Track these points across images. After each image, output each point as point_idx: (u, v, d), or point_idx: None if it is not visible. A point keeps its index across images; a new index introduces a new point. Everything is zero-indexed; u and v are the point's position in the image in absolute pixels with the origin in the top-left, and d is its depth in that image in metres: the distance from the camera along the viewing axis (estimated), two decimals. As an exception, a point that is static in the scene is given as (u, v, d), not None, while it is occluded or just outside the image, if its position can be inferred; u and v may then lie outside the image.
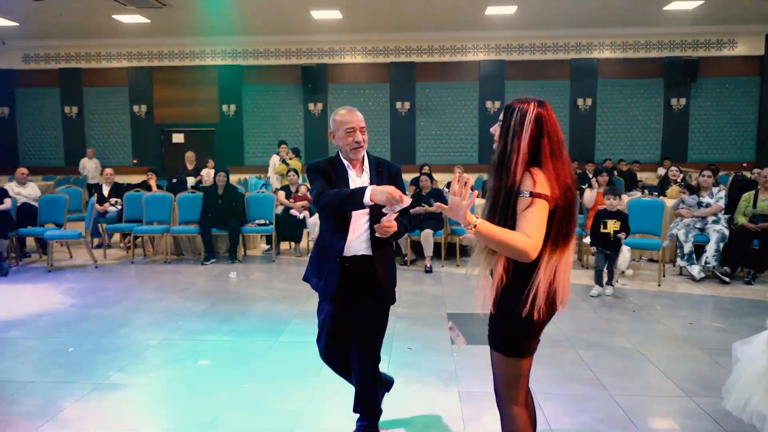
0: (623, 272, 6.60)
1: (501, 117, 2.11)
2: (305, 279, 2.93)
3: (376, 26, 13.18)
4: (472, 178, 10.14)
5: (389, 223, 2.58)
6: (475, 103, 14.11)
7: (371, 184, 2.69)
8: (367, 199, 2.49)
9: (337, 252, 2.71)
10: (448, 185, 9.66)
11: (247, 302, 5.75)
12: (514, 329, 2.09)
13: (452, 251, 7.72)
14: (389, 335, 4.62)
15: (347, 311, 2.81)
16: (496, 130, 2.13)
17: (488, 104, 13.98)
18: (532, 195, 1.94)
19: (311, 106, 14.28)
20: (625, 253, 6.09)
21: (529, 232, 1.91)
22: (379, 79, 14.27)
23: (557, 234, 2.02)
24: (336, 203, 2.60)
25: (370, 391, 2.94)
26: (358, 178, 2.78)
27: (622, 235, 5.87)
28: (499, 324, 2.12)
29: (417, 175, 9.13)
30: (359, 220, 2.71)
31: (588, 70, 13.80)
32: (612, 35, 13.66)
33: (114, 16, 11.85)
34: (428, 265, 7.14)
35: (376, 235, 2.65)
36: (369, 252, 2.74)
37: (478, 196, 2.06)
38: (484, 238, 1.93)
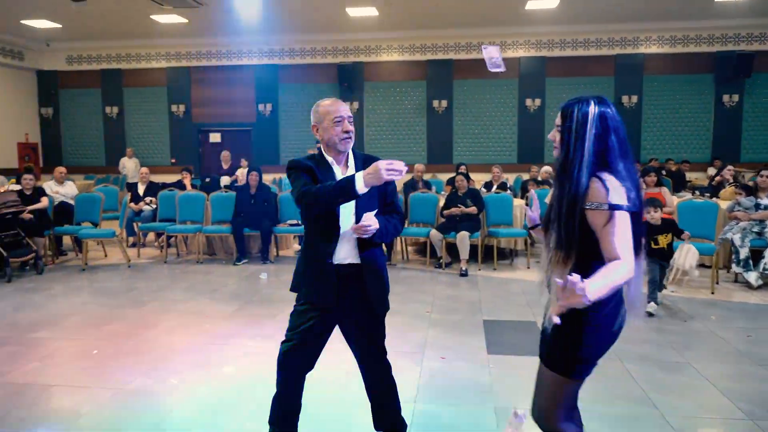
0: (685, 271, 5.75)
1: (558, 121, 1.92)
2: (293, 289, 2.64)
3: (412, 23, 12.95)
4: (510, 177, 9.74)
5: (367, 222, 2.36)
6: (514, 101, 13.74)
7: None
8: (359, 186, 2.22)
9: (328, 255, 2.45)
10: (486, 185, 9.35)
11: (276, 305, 5.59)
12: (580, 348, 1.89)
13: (489, 254, 7.43)
14: (421, 343, 4.42)
15: (332, 323, 2.60)
16: (555, 136, 1.93)
17: (528, 102, 13.60)
18: (611, 207, 1.74)
19: (347, 104, 14.12)
20: (693, 251, 5.54)
21: (619, 253, 1.71)
22: (415, 76, 14.05)
23: (633, 241, 1.81)
24: (324, 199, 2.32)
25: (389, 405, 2.72)
26: (343, 176, 2.52)
27: (686, 236, 5.45)
28: (563, 342, 1.91)
29: (453, 174, 8.85)
30: (344, 225, 2.46)
31: (633, 65, 13.27)
32: (659, 29, 13.10)
33: (152, 17, 11.95)
34: (463, 268, 6.87)
35: (354, 235, 2.43)
36: (357, 260, 2.48)
37: (515, 197, 1.86)
38: (602, 295, 1.69)
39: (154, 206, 8.53)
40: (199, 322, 5.03)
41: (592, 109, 1.84)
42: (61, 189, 8.49)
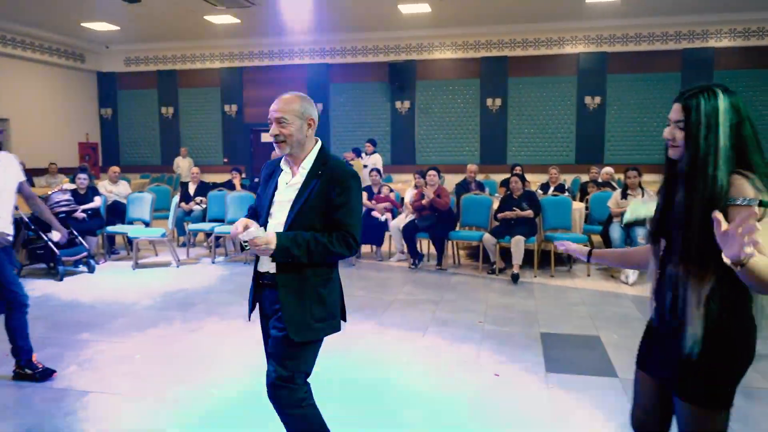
0: None
1: (677, 116, 1.67)
2: None
3: (466, 19, 12.58)
4: (568, 179, 9.23)
5: (252, 241, 2.07)
6: (572, 99, 13.18)
7: (302, 188, 2.22)
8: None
9: (254, 267, 2.36)
10: (542, 187, 8.93)
11: (321, 310, 5.40)
12: (733, 371, 1.65)
13: (546, 260, 7.04)
14: (473, 357, 4.12)
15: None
16: (674, 133, 1.69)
17: (587, 99, 13.01)
18: (764, 204, 1.51)
19: (398, 104, 13.91)
20: None
21: None
22: (468, 74, 13.67)
23: None
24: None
25: None
26: (285, 183, 2.28)
27: None
28: (710, 367, 1.64)
29: (508, 175, 8.48)
30: (275, 229, 2.21)
31: (702, 61, 12.47)
32: (731, 21, 12.27)
33: (206, 17, 12.04)
34: (515, 272, 6.50)
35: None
36: (274, 270, 2.22)
37: (574, 199, 1.57)
38: (752, 278, 1.41)
39: (204, 206, 8.53)
40: (243, 326, 4.88)
41: (722, 99, 1.61)
42: (115, 188, 8.59)
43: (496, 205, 7.28)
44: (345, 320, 2.43)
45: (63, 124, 14.58)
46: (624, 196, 6.83)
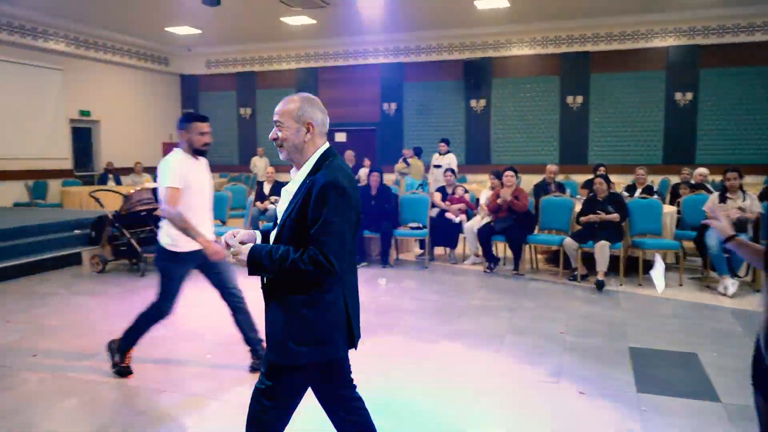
0: None
1: None
2: None
3: (546, 13, 12.10)
4: (655, 180, 8.63)
5: (233, 245, 2.00)
6: (660, 95, 12.40)
7: (292, 198, 2.04)
8: None
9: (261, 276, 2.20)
10: (629, 189, 8.40)
11: (393, 314, 5.25)
12: None
13: (633, 267, 6.57)
14: (555, 372, 3.82)
15: None
16: None
17: (678, 96, 12.20)
18: None
19: (473, 102, 13.59)
20: None
21: None
22: (547, 71, 13.16)
23: None
24: None
25: None
26: (286, 191, 2.12)
27: None
28: None
29: (590, 176, 8.03)
30: (274, 241, 2.07)
31: (810, 51, 11.43)
32: None
33: (282, 19, 12.19)
34: (600, 279, 6.10)
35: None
36: (265, 280, 2.07)
37: (664, 202, 1.38)
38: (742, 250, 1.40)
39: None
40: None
41: None
42: (193, 187, 8.79)
43: (577, 207, 6.88)
44: (355, 347, 2.18)
45: (148, 125, 15.22)
46: (723, 199, 6.26)
